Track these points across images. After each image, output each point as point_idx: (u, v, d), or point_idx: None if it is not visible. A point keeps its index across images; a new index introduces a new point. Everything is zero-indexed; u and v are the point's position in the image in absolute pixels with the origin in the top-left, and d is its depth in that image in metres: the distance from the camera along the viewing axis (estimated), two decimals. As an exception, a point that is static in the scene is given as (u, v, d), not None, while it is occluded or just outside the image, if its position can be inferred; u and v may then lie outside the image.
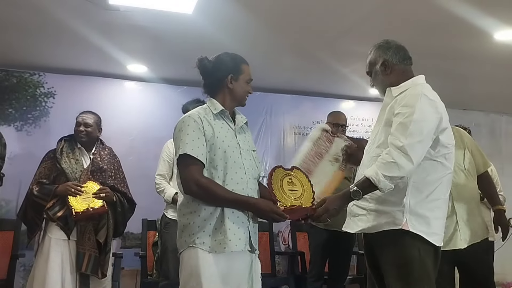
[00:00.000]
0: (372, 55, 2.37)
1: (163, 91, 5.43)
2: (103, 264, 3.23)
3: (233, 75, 2.22)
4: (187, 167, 2.05)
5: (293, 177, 2.20)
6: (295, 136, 5.91)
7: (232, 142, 2.15)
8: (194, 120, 2.11)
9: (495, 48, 4.37)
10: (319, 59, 4.79)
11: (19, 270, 4.42)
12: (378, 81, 2.36)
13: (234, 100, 2.25)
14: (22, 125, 4.97)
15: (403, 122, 2.07)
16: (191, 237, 2.02)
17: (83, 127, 3.38)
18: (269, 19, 3.96)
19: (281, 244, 5.49)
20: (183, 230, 2.07)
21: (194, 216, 2.05)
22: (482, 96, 6.00)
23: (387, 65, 2.31)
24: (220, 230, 2.02)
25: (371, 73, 2.40)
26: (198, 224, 2.03)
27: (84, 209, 3.15)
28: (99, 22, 3.97)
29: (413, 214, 2.10)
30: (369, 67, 2.40)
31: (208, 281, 1.95)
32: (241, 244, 2.05)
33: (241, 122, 2.27)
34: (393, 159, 2.02)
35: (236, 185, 2.08)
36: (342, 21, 3.99)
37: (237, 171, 2.10)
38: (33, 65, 5.02)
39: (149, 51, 4.70)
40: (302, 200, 2.12)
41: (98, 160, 3.38)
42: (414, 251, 2.08)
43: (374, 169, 2.05)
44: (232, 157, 2.10)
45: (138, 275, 4.47)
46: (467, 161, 3.03)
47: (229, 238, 2.00)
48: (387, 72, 2.32)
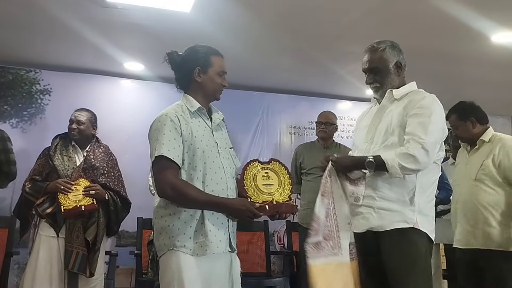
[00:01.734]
0: (385, 53, 2.32)
1: (160, 89, 5.41)
2: (92, 263, 3.21)
3: (201, 68, 2.13)
4: (163, 170, 1.97)
5: (270, 171, 2.12)
6: (291, 136, 5.91)
7: (209, 141, 2.08)
8: (170, 119, 2.03)
9: (493, 50, 4.38)
10: (316, 60, 4.79)
11: (13, 268, 4.40)
12: (387, 79, 2.33)
13: (205, 94, 2.15)
14: (17, 122, 4.94)
15: (422, 122, 2.14)
16: (171, 240, 1.96)
17: (75, 124, 3.37)
18: (267, 19, 3.96)
19: (277, 243, 5.49)
20: (161, 233, 2.01)
21: (173, 219, 1.98)
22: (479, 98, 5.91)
23: (400, 67, 2.35)
24: (201, 232, 1.97)
25: (378, 69, 2.33)
26: (178, 227, 1.97)
27: (73, 206, 3.14)
28: (96, 20, 3.96)
29: (421, 214, 2.18)
30: (379, 63, 2.32)
31: (191, 285, 1.91)
32: (222, 245, 2.01)
33: (218, 119, 2.20)
34: (414, 153, 2.08)
35: (216, 185, 2.03)
36: (339, 22, 3.99)
37: (217, 171, 2.04)
38: (29, 62, 5.00)
39: (146, 49, 4.69)
40: (276, 195, 2.05)
41: (91, 157, 3.37)
42: (422, 249, 2.16)
43: (392, 155, 2.09)
44: (211, 157, 2.04)
45: (133, 273, 4.47)
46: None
47: (210, 240, 1.96)
48: (398, 73, 2.34)
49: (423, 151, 2.08)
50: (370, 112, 2.46)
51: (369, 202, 2.20)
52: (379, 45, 2.35)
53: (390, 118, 2.25)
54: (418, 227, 2.15)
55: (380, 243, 2.20)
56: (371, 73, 2.35)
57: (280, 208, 2.04)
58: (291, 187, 2.11)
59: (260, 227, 4.71)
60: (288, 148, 5.78)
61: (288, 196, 2.10)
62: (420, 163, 2.08)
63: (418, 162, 2.08)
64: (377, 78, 2.34)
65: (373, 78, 2.35)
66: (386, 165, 2.07)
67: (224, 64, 2.19)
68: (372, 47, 2.37)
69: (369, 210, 2.20)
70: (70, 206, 3.14)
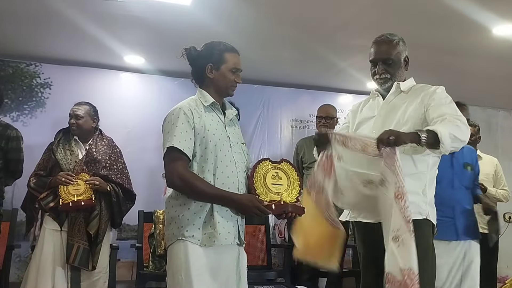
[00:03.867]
0: (399, 46, 2.35)
1: (160, 83, 5.41)
2: (94, 256, 3.23)
3: (213, 64, 2.17)
4: (173, 161, 2.02)
5: (280, 171, 2.14)
6: (292, 129, 5.90)
7: (222, 135, 2.12)
8: (184, 112, 2.08)
9: (493, 43, 4.37)
10: (317, 53, 4.78)
11: (15, 261, 4.41)
12: (398, 72, 2.35)
13: (217, 90, 2.20)
14: (18, 115, 4.94)
15: (450, 106, 2.16)
16: (180, 230, 2.00)
17: (74, 119, 3.39)
18: (268, 11, 3.94)
19: (277, 237, 5.49)
20: (171, 223, 2.05)
21: (183, 209, 2.02)
22: (479, 91, 6.00)
23: (407, 62, 2.39)
24: (210, 223, 2.00)
25: (392, 61, 2.33)
26: (187, 217, 2.01)
27: (71, 200, 3.16)
28: (96, 13, 3.95)
29: (429, 205, 2.22)
30: (394, 55, 2.34)
31: (197, 274, 1.94)
32: (230, 237, 2.04)
33: (231, 114, 2.24)
34: (457, 124, 2.03)
35: (226, 178, 2.06)
36: (340, 15, 3.97)
37: (228, 165, 2.08)
38: (29, 56, 4.99)
39: (147, 43, 4.67)
40: (284, 195, 2.07)
41: (93, 151, 3.38)
42: (430, 240, 2.21)
43: (441, 127, 2.00)
44: (223, 151, 2.08)
45: (134, 266, 4.49)
46: None
47: (218, 232, 1.99)
48: (406, 68, 2.38)
49: (464, 124, 2.05)
50: (371, 104, 2.45)
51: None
52: (393, 37, 2.36)
53: (404, 109, 2.25)
54: (430, 218, 2.19)
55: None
56: (384, 64, 2.33)
57: (287, 208, 2.06)
58: (299, 188, 2.13)
59: (261, 220, 4.72)
60: (289, 141, 5.77)
61: (296, 198, 2.11)
62: (465, 134, 2.04)
63: (464, 133, 2.03)
64: (389, 70, 2.33)
65: (385, 69, 2.33)
66: (440, 136, 1.95)
67: (238, 61, 2.23)
68: (386, 38, 2.37)
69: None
70: (68, 199, 3.16)
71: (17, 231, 4.29)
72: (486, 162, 4.25)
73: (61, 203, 3.16)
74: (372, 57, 2.38)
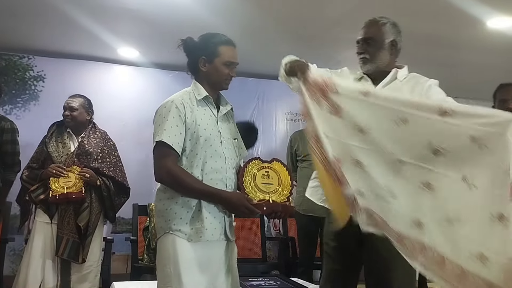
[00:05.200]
0: (385, 27, 2.23)
1: (155, 76, 5.39)
2: (84, 249, 3.22)
3: (206, 57, 2.11)
4: (162, 156, 2.00)
5: (270, 170, 2.10)
6: (287, 122, 5.90)
7: (213, 130, 2.08)
8: (176, 106, 2.04)
9: (488, 35, 4.38)
10: (312, 46, 4.77)
11: (9, 254, 4.41)
12: (379, 54, 2.22)
13: (210, 83, 2.14)
14: (11, 108, 4.91)
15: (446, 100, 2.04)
16: (167, 223, 1.99)
17: (68, 111, 3.37)
18: (263, 4, 3.93)
19: (272, 230, 5.51)
20: (159, 216, 2.04)
21: (171, 203, 2.01)
22: (474, 84, 6.01)
23: (395, 46, 2.25)
24: (198, 218, 1.98)
25: (372, 40, 2.22)
26: (175, 211, 1.99)
27: (60, 192, 3.15)
28: (90, 5, 3.92)
29: None
30: (376, 35, 2.23)
31: (185, 267, 1.93)
32: (216, 233, 2.02)
33: (225, 109, 2.19)
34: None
35: (215, 174, 2.03)
36: (336, 8, 3.96)
37: (217, 160, 2.04)
38: (22, 48, 4.96)
39: (141, 35, 4.65)
40: (274, 195, 2.04)
41: (85, 143, 3.37)
42: None
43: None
44: (213, 146, 2.05)
45: (129, 260, 4.49)
46: None
47: (205, 227, 1.97)
48: (391, 52, 2.25)
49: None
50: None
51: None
52: (381, 18, 2.27)
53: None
54: None
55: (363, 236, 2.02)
56: (365, 43, 2.24)
57: (276, 207, 2.02)
58: (290, 188, 2.09)
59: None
60: (284, 134, 5.77)
61: (286, 197, 2.07)
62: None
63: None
64: (369, 50, 2.23)
65: (365, 48, 2.24)
66: None
67: (234, 54, 2.16)
68: (373, 19, 2.28)
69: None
70: (58, 191, 3.15)
71: (11, 224, 4.28)
72: None
73: (51, 195, 3.16)
74: (357, 37, 2.29)
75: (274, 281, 3.29)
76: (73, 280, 3.22)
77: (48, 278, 3.18)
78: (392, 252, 1.78)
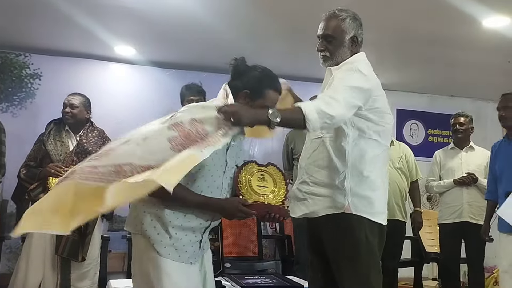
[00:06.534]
0: (345, 23, 2.19)
1: (152, 74, 5.38)
2: (83, 247, 3.22)
3: (250, 93, 1.97)
4: None
5: (266, 173, 2.08)
6: (283, 120, 5.90)
7: (220, 160, 1.98)
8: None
9: (483, 35, 4.39)
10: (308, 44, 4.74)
11: (5, 252, 4.41)
12: (339, 51, 2.19)
13: None
14: (7, 106, 4.90)
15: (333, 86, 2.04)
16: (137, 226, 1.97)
17: (69, 108, 3.37)
18: (259, 3, 3.93)
19: (268, 228, 5.53)
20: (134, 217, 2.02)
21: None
22: (469, 83, 6.04)
23: (355, 41, 2.22)
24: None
25: (332, 38, 2.19)
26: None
27: None
28: (86, 2, 3.91)
29: (355, 196, 2.08)
30: (335, 32, 2.19)
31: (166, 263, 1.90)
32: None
33: (240, 138, 2.09)
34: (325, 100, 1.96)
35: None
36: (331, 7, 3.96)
37: (213, 191, 1.97)
38: (19, 46, 4.95)
39: (138, 33, 4.64)
40: (269, 197, 2.03)
41: (84, 142, 3.37)
42: (361, 234, 2.08)
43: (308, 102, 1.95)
44: (214, 176, 1.97)
45: (126, 258, 4.49)
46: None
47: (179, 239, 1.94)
48: (352, 48, 2.21)
49: (334, 100, 1.95)
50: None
51: (304, 187, 2.16)
52: (340, 12, 2.22)
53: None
54: (350, 211, 2.07)
55: (317, 229, 2.17)
56: (325, 40, 2.21)
57: (271, 209, 2.00)
58: (286, 192, 2.08)
59: (252, 211, 4.74)
60: (280, 133, 5.73)
61: (281, 200, 2.06)
62: (335, 108, 1.94)
63: (333, 107, 1.93)
64: (329, 47, 2.20)
65: (325, 46, 2.21)
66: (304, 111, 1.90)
67: (276, 100, 2.04)
68: (333, 13, 2.23)
69: (304, 196, 2.17)
70: None
71: (7, 222, 4.27)
72: (478, 153, 4.32)
73: None
74: (317, 33, 2.26)
75: (270, 279, 3.30)
76: (73, 278, 3.23)
77: (48, 276, 3.18)
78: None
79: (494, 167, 3.50)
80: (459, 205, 4.15)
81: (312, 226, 2.23)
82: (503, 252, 3.25)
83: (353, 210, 2.07)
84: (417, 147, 6.16)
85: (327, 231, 2.13)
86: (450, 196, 4.22)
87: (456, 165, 4.27)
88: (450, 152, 4.38)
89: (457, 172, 4.22)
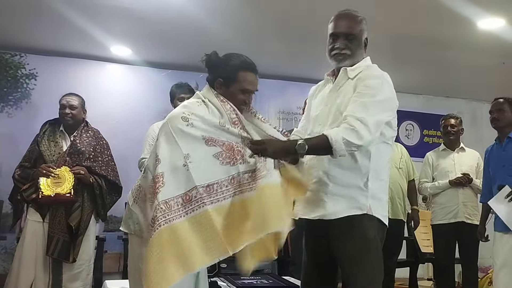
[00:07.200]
0: (363, 24, 2.19)
1: (147, 74, 5.38)
2: (75, 248, 3.22)
3: (223, 81, 2.00)
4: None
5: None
6: (280, 121, 5.91)
7: None
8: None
9: (478, 36, 4.42)
10: (305, 45, 4.78)
11: (1, 253, 4.40)
12: (358, 51, 2.18)
13: None
14: (3, 106, 4.89)
15: (364, 102, 2.00)
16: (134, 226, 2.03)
17: (68, 109, 3.37)
18: (255, 3, 3.94)
19: (265, 228, 5.53)
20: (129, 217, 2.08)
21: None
22: (465, 84, 6.06)
23: (366, 44, 2.23)
24: None
25: (354, 38, 2.16)
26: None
27: (50, 193, 3.15)
28: (82, 2, 3.91)
29: (374, 198, 2.08)
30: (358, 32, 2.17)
31: None
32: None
33: None
34: (354, 126, 1.93)
35: None
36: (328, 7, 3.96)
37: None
38: (14, 46, 4.93)
39: (134, 34, 4.64)
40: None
41: (77, 142, 3.37)
42: (374, 234, 2.08)
43: (336, 130, 1.94)
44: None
45: (121, 258, 4.49)
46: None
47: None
48: (365, 50, 2.22)
49: (363, 126, 1.93)
50: (323, 91, 2.31)
51: (321, 188, 2.08)
52: (357, 13, 2.20)
53: (343, 98, 2.10)
54: (371, 213, 2.06)
55: (330, 229, 2.11)
56: (346, 39, 2.16)
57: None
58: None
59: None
60: (276, 133, 5.79)
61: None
62: (363, 137, 1.92)
63: (361, 136, 1.92)
64: (351, 46, 2.16)
65: (346, 44, 2.16)
66: (330, 141, 1.89)
67: (253, 80, 2.05)
68: (350, 13, 2.20)
69: (321, 196, 2.08)
70: (47, 192, 3.14)
71: (3, 222, 4.26)
72: (469, 154, 4.35)
73: (40, 196, 3.16)
74: (333, 30, 2.18)
75: (266, 280, 3.30)
76: (64, 279, 3.22)
77: (39, 277, 3.18)
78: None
79: (488, 170, 3.55)
80: (455, 205, 4.16)
81: (319, 227, 2.14)
82: (498, 250, 3.30)
83: (374, 212, 2.08)
84: (413, 147, 6.19)
85: (345, 232, 2.07)
86: (445, 197, 4.23)
87: (449, 166, 4.29)
88: (442, 153, 4.40)
89: (451, 173, 4.24)
